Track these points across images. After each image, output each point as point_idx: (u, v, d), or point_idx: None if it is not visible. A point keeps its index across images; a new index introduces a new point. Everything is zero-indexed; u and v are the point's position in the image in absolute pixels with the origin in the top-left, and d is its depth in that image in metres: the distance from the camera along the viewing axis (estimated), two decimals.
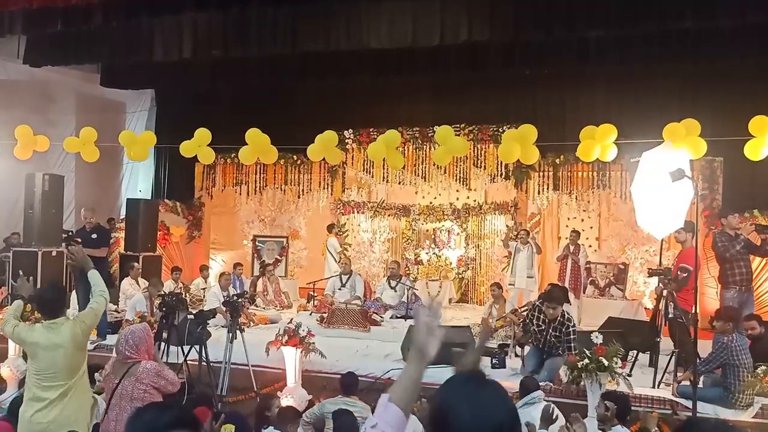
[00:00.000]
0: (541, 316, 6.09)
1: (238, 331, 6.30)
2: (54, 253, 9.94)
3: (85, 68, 12.03)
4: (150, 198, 12.75)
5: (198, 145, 7.11)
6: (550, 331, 5.97)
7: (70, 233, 8.01)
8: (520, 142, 6.43)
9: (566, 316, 6.06)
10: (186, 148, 7.21)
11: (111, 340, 7.56)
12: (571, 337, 5.92)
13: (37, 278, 9.49)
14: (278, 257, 12.08)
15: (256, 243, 12.36)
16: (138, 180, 13.73)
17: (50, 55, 10.37)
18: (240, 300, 6.67)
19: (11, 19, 8.47)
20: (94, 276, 4.18)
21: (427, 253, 11.83)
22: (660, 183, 5.54)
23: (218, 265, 12.75)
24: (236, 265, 10.62)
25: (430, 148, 10.88)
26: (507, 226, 10.83)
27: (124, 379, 4.01)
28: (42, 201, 9.95)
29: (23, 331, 4.01)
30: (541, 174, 10.89)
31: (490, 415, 1.30)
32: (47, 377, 3.86)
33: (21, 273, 7.38)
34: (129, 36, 9.39)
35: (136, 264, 9.86)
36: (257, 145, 6.89)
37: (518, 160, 8.36)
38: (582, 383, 5.44)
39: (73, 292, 8.43)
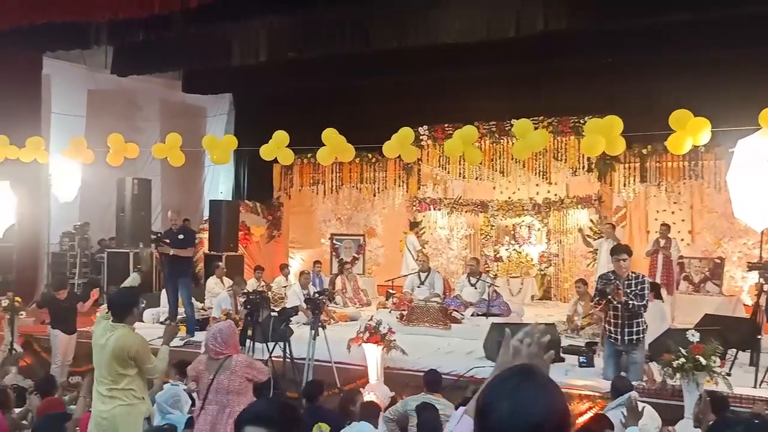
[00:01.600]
0: (612, 283, 5.85)
1: (320, 328, 6.52)
2: (144, 254, 10.62)
3: (168, 75, 12.72)
4: (231, 199, 13.33)
5: (277, 147, 7.39)
6: (626, 290, 5.75)
7: (159, 234, 8.51)
8: (604, 133, 6.26)
9: (636, 273, 5.92)
10: (265, 151, 7.52)
11: (199, 336, 7.98)
12: (646, 285, 5.77)
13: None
14: (355, 255, 12.33)
15: (334, 241, 12.67)
16: (219, 182, 14.36)
17: (135, 64, 11.04)
18: (321, 297, 6.88)
19: (97, 30, 9.05)
20: (163, 352, 4.38)
21: (506, 250, 11.75)
22: (758, 171, 5.30)
23: (297, 263, 13.16)
24: (315, 262, 10.94)
25: (507, 142, 10.81)
26: (580, 228, 10.52)
27: (219, 374, 4.25)
28: (132, 204, 10.65)
29: (98, 318, 4.29)
30: (627, 165, 10.58)
31: (529, 412, 1.24)
32: (98, 371, 4.14)
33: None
34: (208, 42, 9.86)
35: (220, 263, 10.34)
36: (334, 145, 7.08)
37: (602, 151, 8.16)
38: (677, 383, 5.29)
39: (162, 291, 8.97)
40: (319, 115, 11.12)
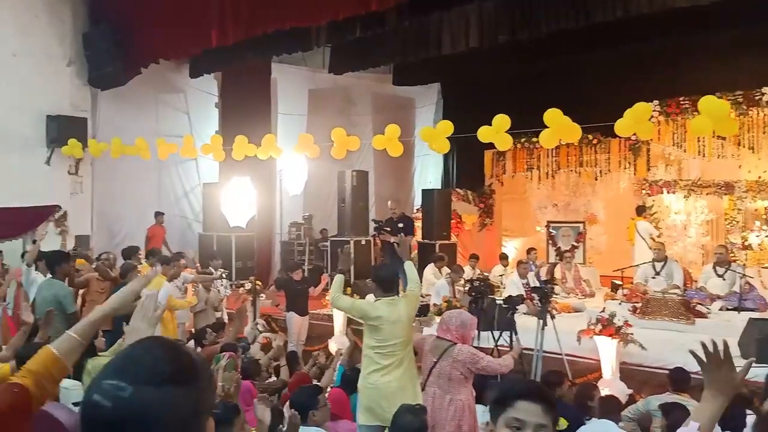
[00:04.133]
0: None
1: (548, 318, 6.40)
2: (363, 242, 11.33)
3: (379, 70, 13.39)
4: (440, 188, 13.69)
5: (496, 131, 7.37)
6: None
7: (381, 223, 9.03)
8: None
9: None
10: (484, 134, 7.52)
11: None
12: None
13: (350, 265, 10.94)
14: (575, 243, 11.88)
15: (550, 229, 12.35)
16: (428, 172, 14.85)
17: (350, 61, 11.80)
18: (549, 286, 6.76)
19: (318, 32, 9.81)
20: (409, 267, 4.81)
21: (758, 236, 10.43)
22: None
23: (510, 251, 13.08)
24: (529, 250, 10.74)
25: (758, 114, 9.63)
26: None
27: (442, 359, 4.39)
28: (351, 195, 11.44)
29: (365, 305, 4.66)
30: None
31: None
32: (386, 347, 4.46)
33: (340, 250, 8.50)
34: (419, 33, 10.17)
35: (444, 255, 10.53)
36: (558, 126, 6.86)
37: None
38: None
39: None
40: (531, 97, 10.86)
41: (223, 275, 9.05)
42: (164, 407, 1.03)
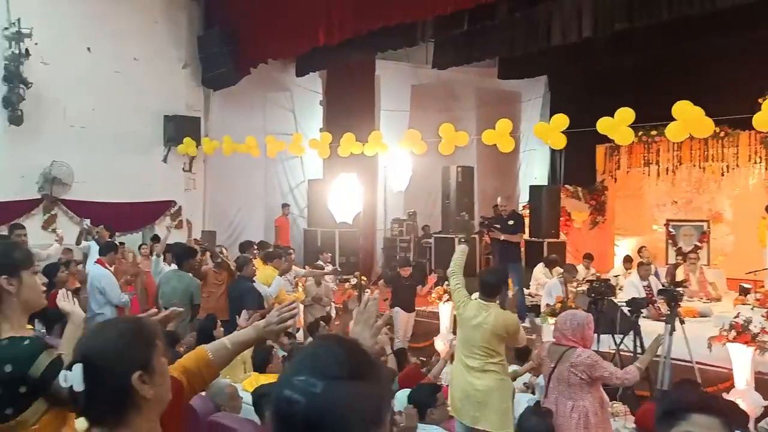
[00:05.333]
0: None
1: (677, 323, 6.13)
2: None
3: (483, 64, 13.25)
4: (545, 184, 13.39)
5: (618, 125, 7.10)
6: None
7: (489, 220, 8.97)
8: None
9: None
10: (604, 127, 7.25)
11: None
12: None
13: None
14: (697, 243, 11.29)
15: (669, 228, 11.79)
16: (534, 167, 14.57)
17: (454, 56, 11.71)
18: (678, 289, 6.47)
19: (424, 27, 9.84)
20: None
21: None
22: None
23: (623, 251, 12.63)
24: (641, 248, 10.30)
25: None
26: None
27: (560, 363, 4.30)
28: (456, 191, 11.43)
29: (461, 299, 4.66)
30: None
31: None
32: (466, 346, 4.53)
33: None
34: (528, 25, 9.99)
35: (556, 257, 10.30)
36: (688, 119, 6.51)
37: None
38: None
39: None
40: (647, 88, 10.44)
41: (338, 269, 9.30)
42: (354, 401, 1.10)
